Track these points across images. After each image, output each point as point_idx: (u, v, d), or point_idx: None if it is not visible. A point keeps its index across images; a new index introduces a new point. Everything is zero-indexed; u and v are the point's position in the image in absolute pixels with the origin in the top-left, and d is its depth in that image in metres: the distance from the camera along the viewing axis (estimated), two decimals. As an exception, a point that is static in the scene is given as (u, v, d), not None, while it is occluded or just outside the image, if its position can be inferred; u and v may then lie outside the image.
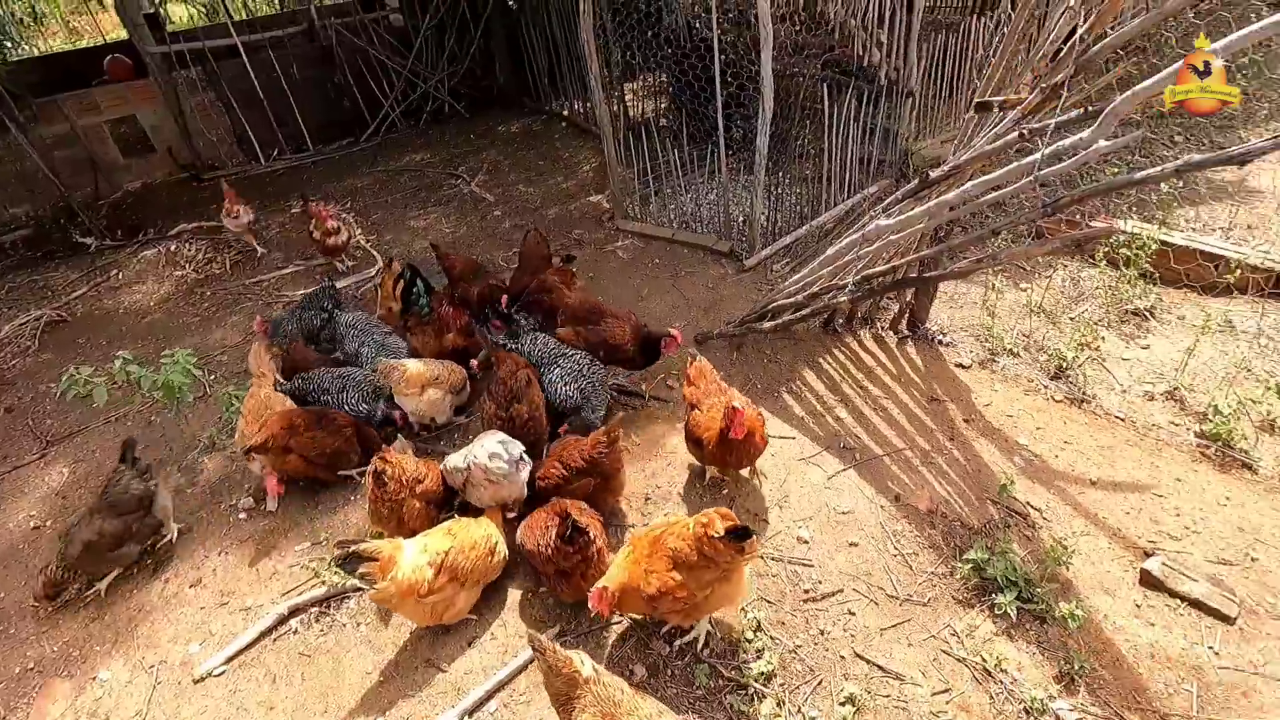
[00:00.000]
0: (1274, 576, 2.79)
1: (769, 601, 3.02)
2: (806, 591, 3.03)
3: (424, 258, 5.88)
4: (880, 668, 2.71)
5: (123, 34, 9.48)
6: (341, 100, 9.22)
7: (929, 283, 3.71)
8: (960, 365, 4.19)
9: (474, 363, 4.31)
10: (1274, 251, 4.41)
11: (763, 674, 2.70)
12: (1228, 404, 3.41)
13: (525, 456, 3.28)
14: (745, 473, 3.59)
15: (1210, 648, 2.59)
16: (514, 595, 3.15)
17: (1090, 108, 2.42)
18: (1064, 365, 3.96)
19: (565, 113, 9.22)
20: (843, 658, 2.77)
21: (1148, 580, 2.83)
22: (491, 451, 3.16)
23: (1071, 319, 4.37)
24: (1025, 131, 2.65)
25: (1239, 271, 4.20)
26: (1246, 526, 2.99)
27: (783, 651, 2.80)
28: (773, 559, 3.21)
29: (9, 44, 11.08)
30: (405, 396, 3.96)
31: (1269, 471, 3.22)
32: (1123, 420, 3.64)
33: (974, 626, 2.83)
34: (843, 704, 2.59)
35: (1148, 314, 4.28)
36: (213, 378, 4.91)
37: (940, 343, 4.36)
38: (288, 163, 8.86)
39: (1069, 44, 2.61)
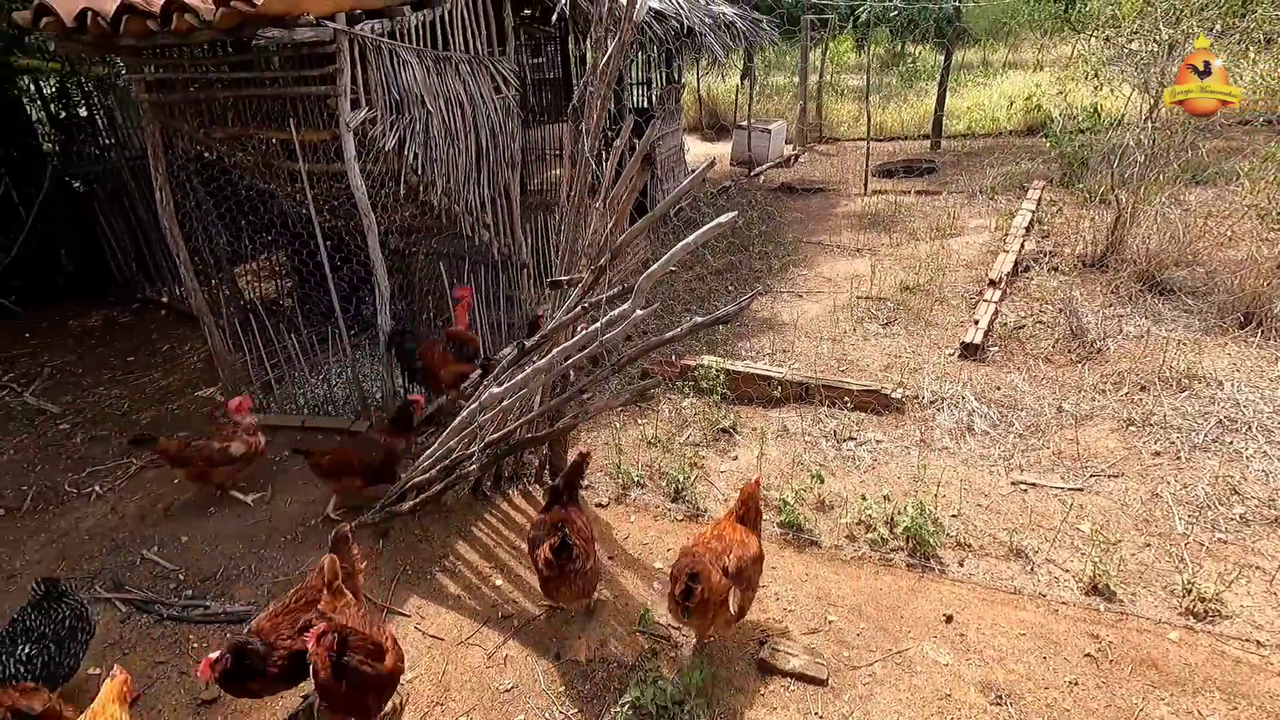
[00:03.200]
0: (845, 632, 3.44)
1: (433, 828, 2.67)
2: (474, 798, 2.76)
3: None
4: None
5: None
6: None
7: (540, 442, 3.99)
8: (600, 504, 4.52)
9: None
10: (800, 368, 5.82)
11: None
12: (792, 494, 4.25)
13: None
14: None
15: (816, 714, 3.03)
16: None
17: (625, 285, 2.96)
18: (680, 487, 4.54)
19: (165, 299, 8.13)
20: None
21: (764, 666, 3.24)
22: None
23: (680, 444, 5.08)
24: (586, 305, 3.12)
25: (781, 387, 5.43)
26: (822, 594, 3.67)
27: None
28: (435, 773, 2.89)
29: None
30: None
31: (828, 543, 4.05)
32: (729, 525, 4.26)
33: (641, 769, 2.87)
34: None
35: (732, 430, 5.21)
36: None
37: (581, 487, 4.66)
38: None
39: (604, 236, 3.20)
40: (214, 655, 2.64)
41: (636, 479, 4.66)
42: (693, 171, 3.19)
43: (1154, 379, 5.25)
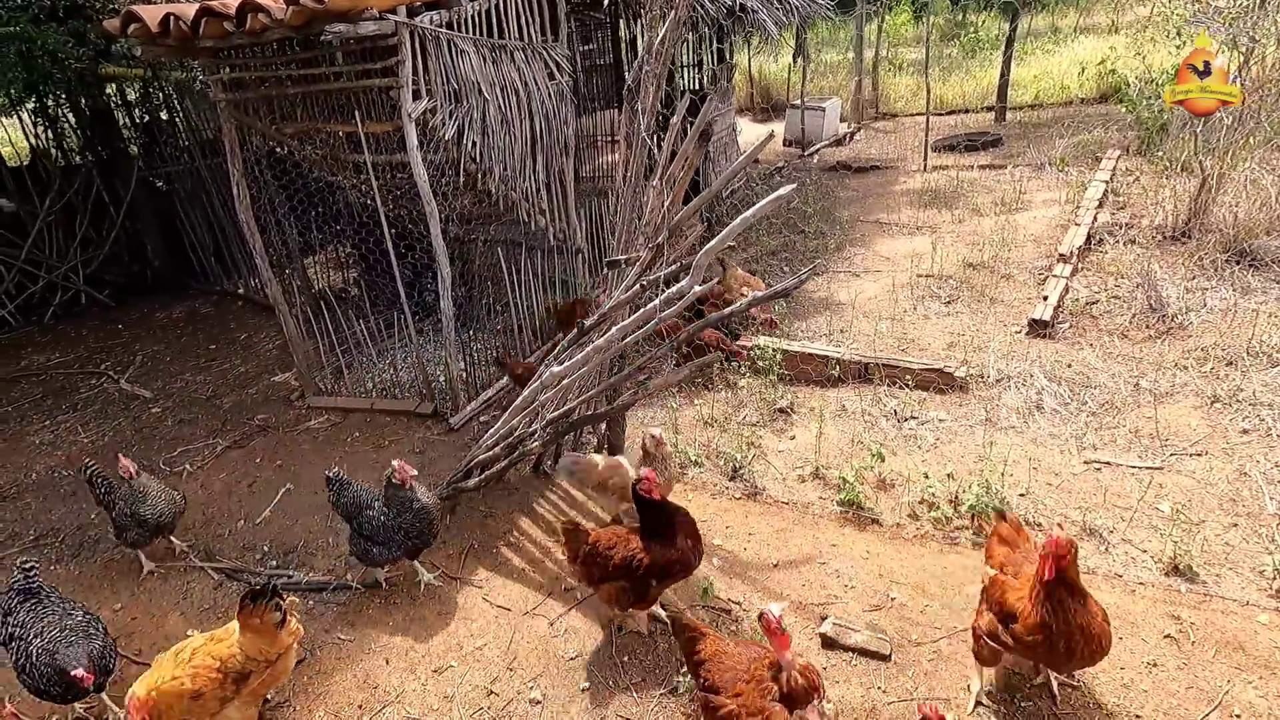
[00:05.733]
0: (908, 609, 3.40)
1: (506, 785, 2.80)
2: (544, 759, 2.87)
3: (49, 479, 4.79)
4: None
5: None
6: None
7: (600, 420, 4.06)
8: (658, 483, 4.57)
9: None
10: (860, 347, 5.73)
11: None
12: (851, 473, 4.21)
13: None
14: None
15: (879, 688, 3.02)
16: None
17: (682, 262, 2.98)
18: (738, 466, 4.55)
19: (241, 290, 8.58)
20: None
21: (826, 642, 3.24)
22: None
23: (737, 424, 5.09)
24: (644, 283, 3.16)
25: (839, 366, 5.37)
26: (884, 572, 3.63)
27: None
28: (506, 734, 3.01)
29: None
30: None
31: (889, 521, 4.00)
32: (787, 504, 4.26)
33: (703, 738, 2.92)
34: None
35: (790, 410, 5.18)
36: None
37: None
38: None
39: (661, 214, 3.23)
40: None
41: (694, 458, 4.69)
42: (745, 153, 3.17)
43: (1242, 354, 4.95)
